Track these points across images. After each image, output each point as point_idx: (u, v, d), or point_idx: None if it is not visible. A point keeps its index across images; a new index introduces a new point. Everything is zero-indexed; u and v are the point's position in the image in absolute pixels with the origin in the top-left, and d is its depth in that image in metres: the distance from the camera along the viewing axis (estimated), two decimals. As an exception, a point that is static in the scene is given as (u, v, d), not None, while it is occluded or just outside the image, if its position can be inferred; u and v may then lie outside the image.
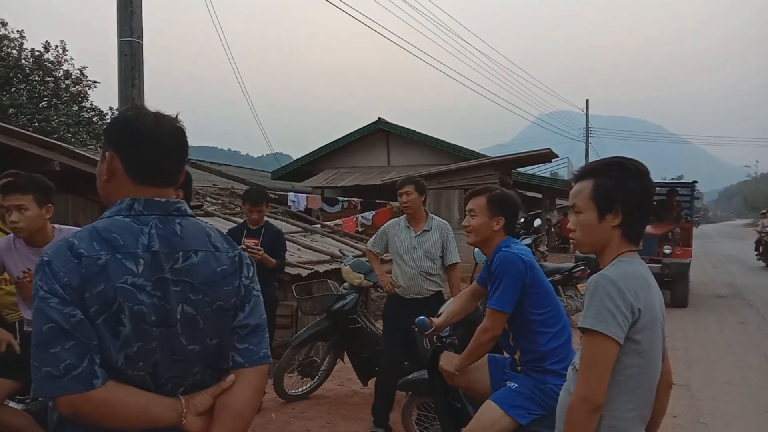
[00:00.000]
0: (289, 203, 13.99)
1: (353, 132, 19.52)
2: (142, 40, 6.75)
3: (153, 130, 1.38)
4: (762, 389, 5.75)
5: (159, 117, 1.41)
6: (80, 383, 1.20)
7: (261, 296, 1.48)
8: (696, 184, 12.41)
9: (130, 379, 1.27)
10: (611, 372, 1.62)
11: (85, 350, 1.21)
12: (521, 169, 17.69)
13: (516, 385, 2.70)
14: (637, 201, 1.73)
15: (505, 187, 3.65)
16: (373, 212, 15.38)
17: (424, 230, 4.37)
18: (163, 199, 1.39)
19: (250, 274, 1.47)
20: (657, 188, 13.00)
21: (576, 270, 8.49)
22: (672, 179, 17.94)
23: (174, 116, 1.44)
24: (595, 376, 1.61)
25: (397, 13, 20.82)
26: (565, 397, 1.73)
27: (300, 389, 5.24)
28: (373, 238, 4.69)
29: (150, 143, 1.38)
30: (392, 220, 4.65)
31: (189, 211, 1.44)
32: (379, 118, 18.99)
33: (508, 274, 2.68)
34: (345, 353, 5.24)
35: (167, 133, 1.40)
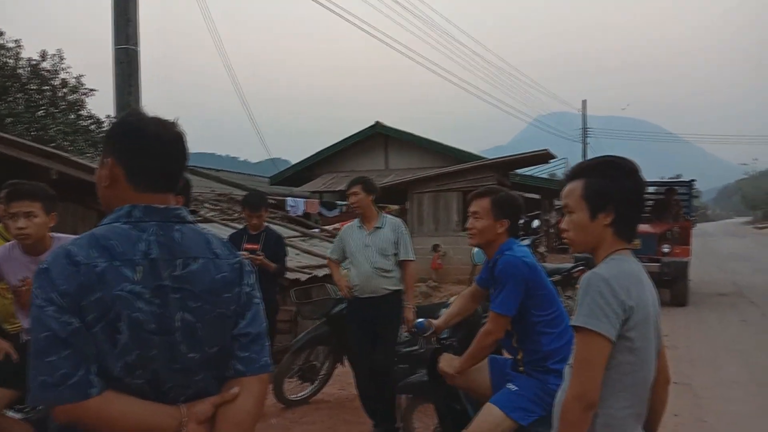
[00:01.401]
0: (288, 208, 13.99)
1: (351, 136, 19.52)
2: (138, 48, 6.77)
3: (155, 135, 1.38)
4: (764, 387, 5.73)
5: (160, 122, 1.40)
6: (76, 392, 1.19)
7: (262, 304, 1.47)
8: (694, 182, 12.43)
9: (129, 388, 1.26)
10: (605, 370, 1.62)
11: (81, 359, 1.21)
12: (519, 171, 17.72)
13: (516, 388, 2.70)
14: (628, 199, 1.74)
15: (504, 188, 3.63)
16: (372, 216, 15.33)
17: (377, 227, 4.36)
18: (163, 206, 1.37)
19: (251, 282, 1.46)
20: (655, 187, 13.05)
21: (575, 270, 8.50)
22: (670, 178, 18.02)
23: (173, 121, 1.43)
24: (588, 374, 1.61)
25: (394, 18, 20.87)
26: (562, 396, 1.73)
27: (300, 394, 5.23)
28: (332, 245, 4.72)
29: (152, 149, 1.37)
30: (347, 224, 4.66)
31: (189, 217, 1.43)
32: (377, 121, 19.00)
33: (512, 278, 2.69)
34: (345, 357, 5.22)
35: (169, 139, 1.39)
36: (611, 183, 1.73)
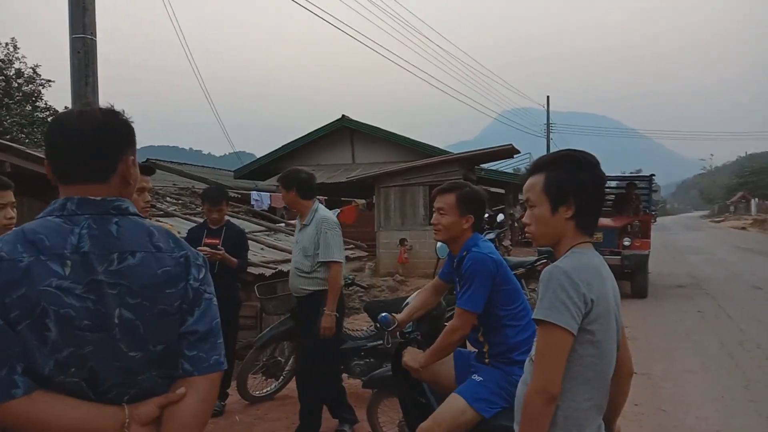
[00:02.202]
0: (252, 202, 13.84)
1: (317, 129, 19.41)
2: (95, 37, 6.57)
3: (66, 124, 1.33)
4: (720, 375, 5.91)
5: (83, 113, 1.34)
6: None
7: (214, 299, 1.39)
8: (654, 177, 12.68)
9: (65, 387, 1.21)
10: (566, 362, 1.63)
11: (3, 359, 1.15)
12: (484, 165, 17.87)
13: (481, 378, 2.71)
14: (588, 192, 1.76)
15: (469, 182, 3.57)
16: (338, 210, 15.31)
17: (304, 225, 4.17)
18: (99, 198, 1.31)
19: (201, 276, 1.37)
20: (616, 182, 13.30)
21: (538, 263, 8.61)
22: (631, 173, 18.38)
23: (107, 109, 1.37)
24: (550, 367, 1.62)
25: (360, 11, 20.77)
26: (522, 389, 1.74)
27: (264, 390, 5.17)
28: None
29: (58, 137, 1.32)
30: None
31: (132, 209, 1.36)
32: (343, 115, 18.93)
33: (479, 274, 2.68)
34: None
35: (79, 126, 1.32)
36: (571, 176, 1.74)
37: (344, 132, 19.17)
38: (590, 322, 1.64)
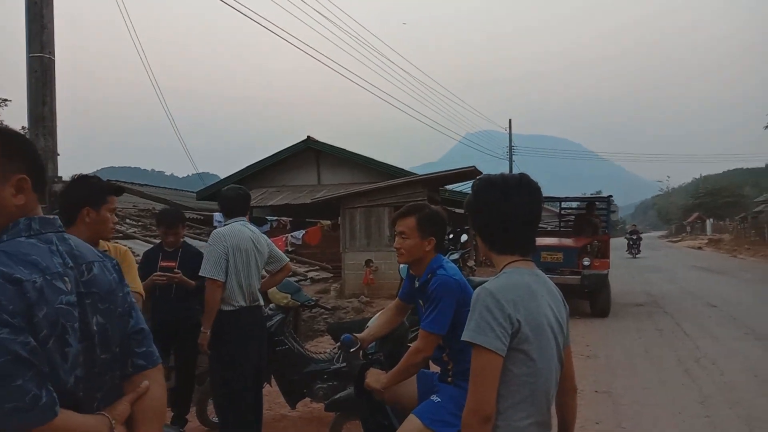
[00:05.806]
0: (215, 223, 13.68)
1: (282, 150, 19.30)
2: (53, 56, 6.46)
3: (31, 143, 1.44)
4: (677, 392, 6.02)
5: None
6: (46, 413, 1.18)
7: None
8: (612, 198, 12.97)
9: (76, 400, 1.28)
10: (502, 382, 1.64)
11: (43, 378, 1.19)
12: (449, 187, 18.04)
13: (439, 399, 2.70)
14: (486, 214, 1.86)
15: (433, 203, 3.57)
16: (303, 231, 15.26)
17: None
18: (51, 216, 1.39)
19: (125, 280, 1.53)
20: (576, 203, 13.59)
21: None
22: (591, 194, 18.73)
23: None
24: (482, 388, 1.62)
25: (327, 36, 20.92)
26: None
27: (225, 415, 5.04)
28: None
29: (39, 154, 1.43)
30: None
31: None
32: (309, 136, 18.89)
33: (445, 297, 2.70)
34: (271, 376, 5.10)
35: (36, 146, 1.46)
36: (469, 202, 1.90)
37: (309, 153, 19.13)
38: (521, 341, 1.65)
